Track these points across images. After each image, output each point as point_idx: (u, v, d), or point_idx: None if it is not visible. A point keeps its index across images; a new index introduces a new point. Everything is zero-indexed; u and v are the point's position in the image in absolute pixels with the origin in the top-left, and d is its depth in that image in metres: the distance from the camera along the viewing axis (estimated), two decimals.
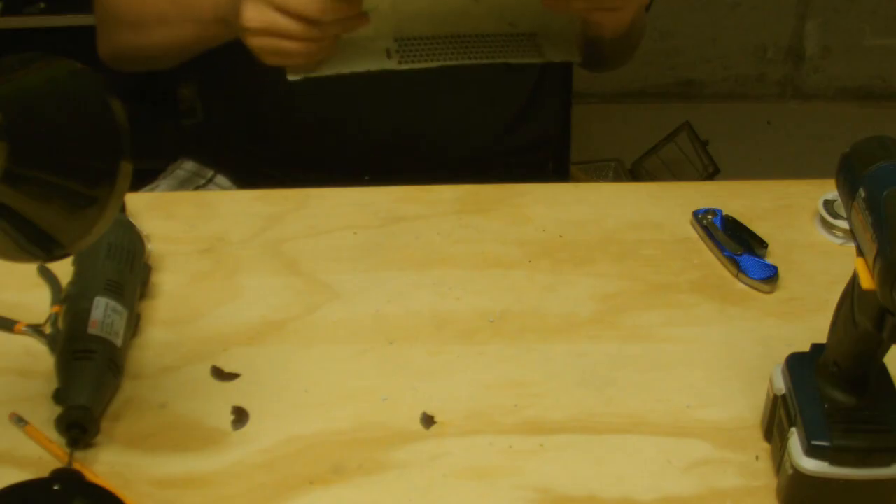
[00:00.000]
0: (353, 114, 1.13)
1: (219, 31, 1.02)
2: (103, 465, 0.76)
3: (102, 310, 0.81)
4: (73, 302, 0.83)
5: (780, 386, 0.74)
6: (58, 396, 0.77)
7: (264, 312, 0.90)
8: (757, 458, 0.77)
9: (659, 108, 2.76)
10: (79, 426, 0.75)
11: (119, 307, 0.82)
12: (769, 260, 0.94)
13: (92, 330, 0.80)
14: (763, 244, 0.95)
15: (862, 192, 0.63)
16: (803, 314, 0.90)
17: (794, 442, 0.70)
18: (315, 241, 0.98)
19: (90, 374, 0.78)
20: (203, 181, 1.23)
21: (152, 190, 1.21)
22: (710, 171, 2.42)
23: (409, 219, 1.00)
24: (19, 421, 0.79)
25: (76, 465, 0.75)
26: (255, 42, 0.95)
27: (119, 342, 0.81)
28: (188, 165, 1.25)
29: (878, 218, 0.61)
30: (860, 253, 0.64)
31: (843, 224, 0.96)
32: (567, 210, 1.01)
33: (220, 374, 0.84)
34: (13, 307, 0.89)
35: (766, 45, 2.76)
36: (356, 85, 1.00)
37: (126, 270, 0.86)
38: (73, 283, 0.85)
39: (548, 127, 1.29)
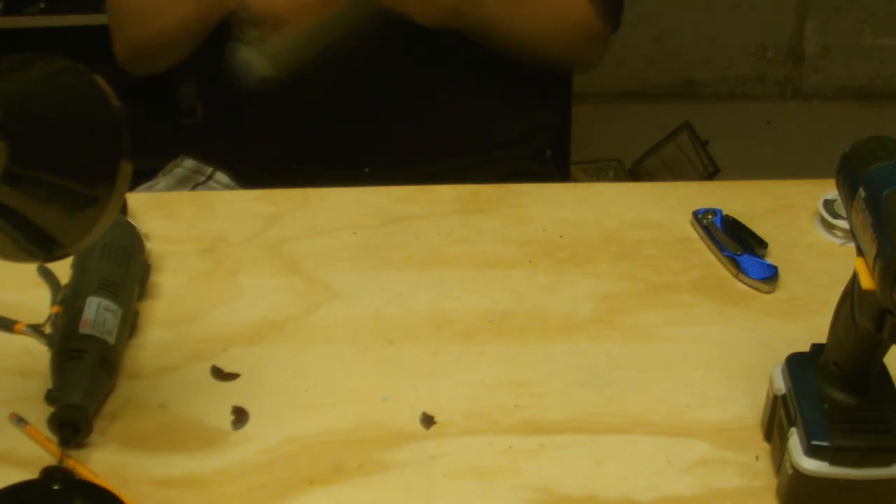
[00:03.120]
0: (352, 104, 1.13)
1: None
2: (103, 465, 0.76)
3: (94, 309, 0.81)
4: (68, 304, 0.83)
5: (780, 386, 0.74)
6: (50, 396, 0.77)
7: (264, 312, 0.90)
8: (757, 458, 0.77)
9: (659, 108, 2.75)
10: (71, 425, 0.75)
11: (112, 305, 0.82)
12: (769, 260, 0.94)
13: (83, 329, 0.80)
14: (763, 244, 0.95)
15: (862, 192, 0.63)
16: (803, 314, 0.90)
17: (794, 442, 0.70)
18: (315, 241, 0.98)
19: (82, 373, 0.78)
20: (203, 178, 1.23)
21: (150, 188, 1.21)
22: (710, 171, 2.42)
23: (409, 219, 1.00)
24: (19, 421, 0.79)
25: (71, 463, 0.75)
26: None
27: (112, 340, 0.81)
28: (188, 163, 1.25)
29: (878, 218, 0.61)
30: (860, 253, 0.64)
31: (843, 224, 0.96)
32: (567, 210, 1.01)
33: (220, 374, 0.84)
34: (13, 307, 0.89)
35: (766, 45, 2.76)
36: (354, 75, 1.01)
37: (121, 269, 0.86)
38: (68, 285, 0.85)
39: (546, 115, 1.29)
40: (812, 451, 0.68)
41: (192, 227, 1.00)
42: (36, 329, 0.87)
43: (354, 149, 1.13)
